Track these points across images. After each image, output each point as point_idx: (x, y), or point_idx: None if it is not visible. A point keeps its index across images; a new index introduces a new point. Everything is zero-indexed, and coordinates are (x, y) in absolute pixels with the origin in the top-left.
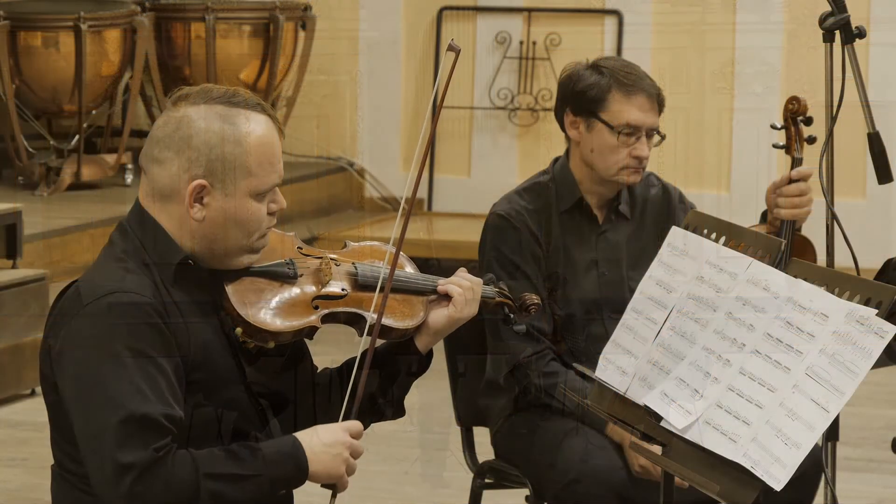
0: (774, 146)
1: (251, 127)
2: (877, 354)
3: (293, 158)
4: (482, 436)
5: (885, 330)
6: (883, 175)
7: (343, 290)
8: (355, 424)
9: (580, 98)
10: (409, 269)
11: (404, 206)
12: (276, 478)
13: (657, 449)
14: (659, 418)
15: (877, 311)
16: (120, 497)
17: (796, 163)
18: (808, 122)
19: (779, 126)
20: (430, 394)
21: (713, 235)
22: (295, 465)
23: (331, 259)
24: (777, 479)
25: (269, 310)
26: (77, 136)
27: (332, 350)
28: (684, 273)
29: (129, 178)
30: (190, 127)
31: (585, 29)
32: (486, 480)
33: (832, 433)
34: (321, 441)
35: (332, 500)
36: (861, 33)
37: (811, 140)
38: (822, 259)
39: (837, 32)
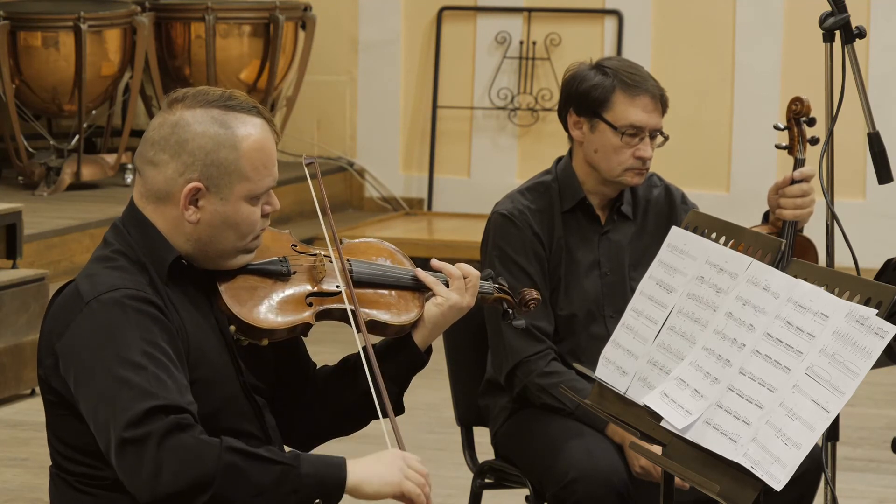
0: (777, 147)
1: (247, 131)
2: (877, 354)
3: (293, 158)
4: (482, 436)
5: (885, 330)
6: (883, 175)
7: (337, 287)
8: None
9: (584, 98)
10: (408, 265)
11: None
12: (308, 473)
13: (657, 449)
14: (659, 418)
15: (877, 311)
16: (147, 454)
17: (799, 163)
18: (812, 122)
19: (782, 127)
20: (430, 394)
21: (713, 235)
22: (333, 466)
23: (325, 256)
24: (777, 479)
25: (262, 307)
26: (77, 136)
27: (332, 349)
28: (684, 273)
29: (129, 178)
30: (186, 130)
31: (585, 29)
32: (486, 480)
33: (832, 433)
34: (368, 456)
35: None
36: (861, 33)
37: (814, 141)
38: (822, 259)
39: (837, 32)
